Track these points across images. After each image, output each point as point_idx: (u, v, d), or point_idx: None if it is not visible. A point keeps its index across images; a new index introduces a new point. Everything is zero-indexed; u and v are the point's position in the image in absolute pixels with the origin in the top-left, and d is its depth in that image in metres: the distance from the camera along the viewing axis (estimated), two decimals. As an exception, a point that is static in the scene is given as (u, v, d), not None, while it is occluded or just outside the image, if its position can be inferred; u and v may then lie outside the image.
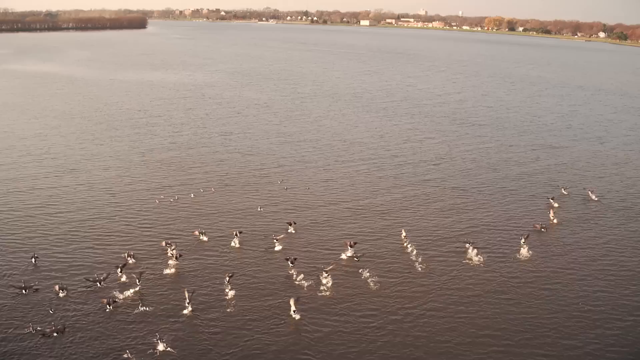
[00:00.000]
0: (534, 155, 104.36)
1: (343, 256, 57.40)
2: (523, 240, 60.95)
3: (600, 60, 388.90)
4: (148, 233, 63.04)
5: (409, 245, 59.98)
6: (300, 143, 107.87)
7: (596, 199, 78.51)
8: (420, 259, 57.18)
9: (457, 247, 60.86)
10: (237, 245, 59.71)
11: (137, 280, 50.20)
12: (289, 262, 54.59)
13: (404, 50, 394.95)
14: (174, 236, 61.75)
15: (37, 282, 50.24)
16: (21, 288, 48.54)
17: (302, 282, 51.98)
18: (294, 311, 46.05)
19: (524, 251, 59.67)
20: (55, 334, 42.47)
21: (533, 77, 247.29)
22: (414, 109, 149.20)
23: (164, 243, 58.32)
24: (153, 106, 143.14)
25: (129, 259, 54.65)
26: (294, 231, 63.74)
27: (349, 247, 58.11)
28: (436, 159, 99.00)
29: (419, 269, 55.57)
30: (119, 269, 52.12)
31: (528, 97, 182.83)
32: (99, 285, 49.88)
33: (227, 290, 50.13)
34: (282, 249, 59.31)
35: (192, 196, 75.58)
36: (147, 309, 46.91)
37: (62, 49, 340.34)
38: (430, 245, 61.47)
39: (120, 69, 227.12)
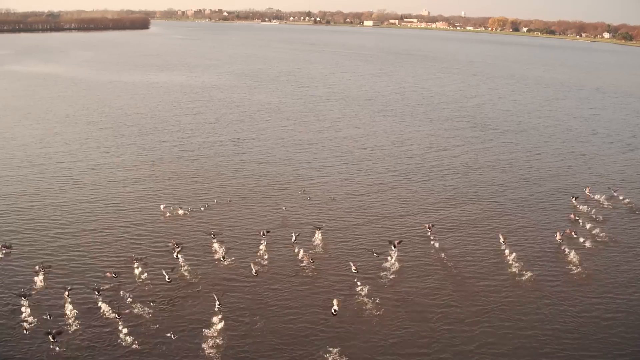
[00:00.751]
0: (565, 164, 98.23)
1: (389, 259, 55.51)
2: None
3: (610, 61, 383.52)
4: (159, 250, 57.16)
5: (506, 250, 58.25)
6: (318, 150, 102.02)
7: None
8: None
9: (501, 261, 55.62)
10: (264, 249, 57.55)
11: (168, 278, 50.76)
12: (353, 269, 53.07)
13: (411, 52, 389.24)
14: (189, 258, 55.80)
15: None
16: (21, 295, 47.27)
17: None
18: (335, 311, 46.08)
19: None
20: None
21: (547, 78, 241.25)
22: (432, 113, 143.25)
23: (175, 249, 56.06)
24: (160, 110, 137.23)
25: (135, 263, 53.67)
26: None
27: (393, 247, 56.94)
28: (464, 168, 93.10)
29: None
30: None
31: (546, 100, 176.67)
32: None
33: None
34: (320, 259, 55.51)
35: (203, 208, 70.32)
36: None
37: (65, 49, 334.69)
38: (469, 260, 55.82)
39: (125, 71, 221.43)
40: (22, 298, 46.61)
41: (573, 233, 63.23)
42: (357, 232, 64.46)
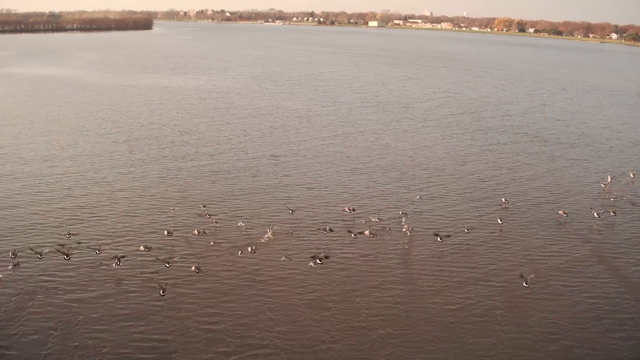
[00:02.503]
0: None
1: None
2: None
3: (632, 63, 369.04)
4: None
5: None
6: (370, 170, 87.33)
7: None
8: None
9: None
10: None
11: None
12: None
13: (427, 53, 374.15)
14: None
15: None
16: None
17: None
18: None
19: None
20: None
21: (580, 82, 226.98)
22: (481, 123, 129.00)
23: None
24: (179, 119, 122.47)
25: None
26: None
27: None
28: (546, 193, 78.01)
29: None
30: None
31: (593, 107, 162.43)
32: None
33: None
34: None
35: (250, 249, 55.51)
36: None
37: (68, 50, 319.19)
38: None
39: (134, 74, 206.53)
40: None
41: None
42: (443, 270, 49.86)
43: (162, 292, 46.61)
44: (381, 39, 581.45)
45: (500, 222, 64.75)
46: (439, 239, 58.78)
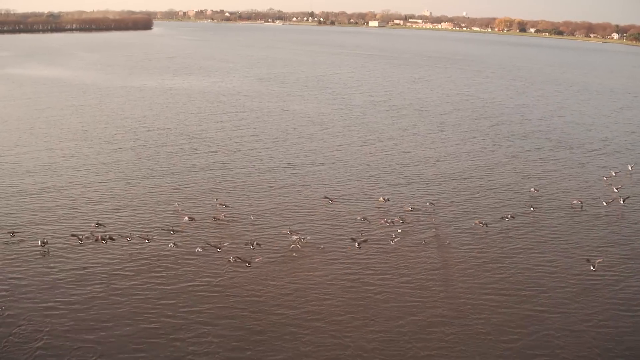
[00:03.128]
0: None
1: None
2: None
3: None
4: None
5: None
6: (393, 178, 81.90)
7: None
8: None
9: None
10: None
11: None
12: None
13: (432, 54, 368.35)
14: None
15: None
16: None
17: None
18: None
19: None
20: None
21: (593, 84, 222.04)
22: (500, 128, 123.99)
23: None
24: (186, 124, 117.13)
25: None
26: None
27: None
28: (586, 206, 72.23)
29: None
30: None
31: (612, 110, 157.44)
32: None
33: None
34: None
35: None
36: None
37: (69, 51, 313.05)
38: None
39: (136, 75, 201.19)
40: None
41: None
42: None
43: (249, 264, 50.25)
44: (383, 39, 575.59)
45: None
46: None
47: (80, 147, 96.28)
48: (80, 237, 55.93)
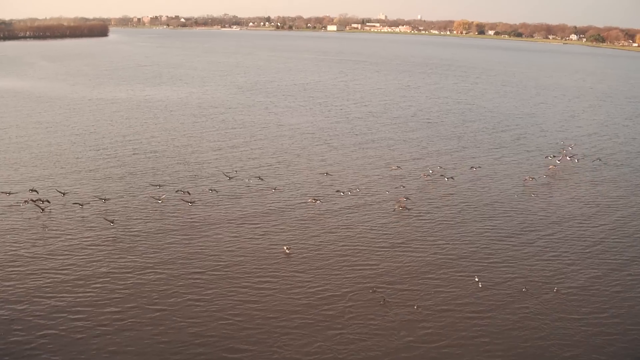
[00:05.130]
0: None
1: None
2: None
3: (618, 65, 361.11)
4: None
5: None
6: (431, 221, 68.32)
7: None
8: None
9: None
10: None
11: None
12: None
13: (407, 58, 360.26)
14: None
15: None
16: None
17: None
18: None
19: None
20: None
21: (586, 88, 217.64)
22: (523, 143, 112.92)
23: None
24: (174, 145, 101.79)
25: None
26: None
27: None
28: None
29: None
30: None
31: (626, 118, 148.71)
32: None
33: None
34: None
35: None
36: None
37: (27, 60, 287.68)
38: None
39: (106, 85, 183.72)
40: None
41: None
42: None
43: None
44: (348, 43, 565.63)
45: None
46: None
47: (50, 174, 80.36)
48: None
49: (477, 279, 50.18)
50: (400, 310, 45.02)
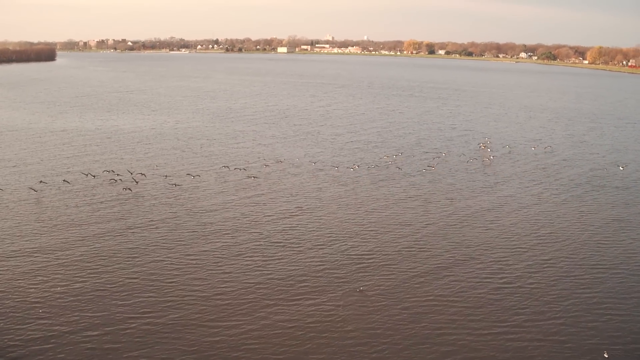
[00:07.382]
0: None
1: None
2: None
3: (587, 84, 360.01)
4: None
5: None
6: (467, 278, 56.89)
7: None
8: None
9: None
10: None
11: None
12: None
13: (373, 80, 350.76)
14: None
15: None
16: None
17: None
18: None
19: None
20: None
21: (573, 110, 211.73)
22: (543, 172, 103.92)
23: None
24: (164, 184, 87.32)
25: None
26: None
27: None
28: None
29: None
30: None
31: (626, 139, 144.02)
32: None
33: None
34: None
35: None
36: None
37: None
38: None
39: (69, 114, 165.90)
40: None
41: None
42: None
43: None
44: (303, 64, 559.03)
45: None
46: None
47: (35, 233, 65.90)
48: None
49: None
50: None
